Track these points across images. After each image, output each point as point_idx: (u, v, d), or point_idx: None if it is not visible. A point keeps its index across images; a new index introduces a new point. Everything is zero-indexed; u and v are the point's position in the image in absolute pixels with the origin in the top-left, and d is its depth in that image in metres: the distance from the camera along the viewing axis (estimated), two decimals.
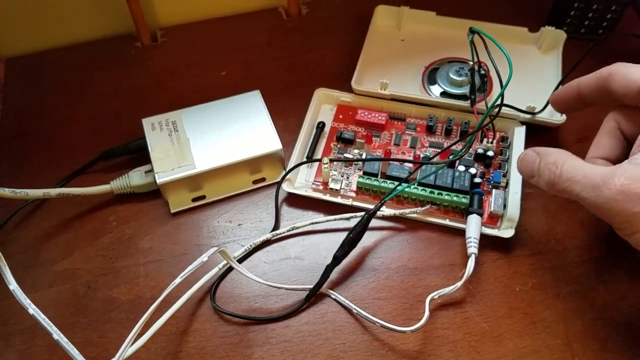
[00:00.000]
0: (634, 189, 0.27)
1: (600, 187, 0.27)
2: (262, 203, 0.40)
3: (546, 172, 0.31)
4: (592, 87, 0.34)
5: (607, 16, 0.48)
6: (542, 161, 0.31)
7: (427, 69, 0.46)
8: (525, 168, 0.33)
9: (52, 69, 0.49)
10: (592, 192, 0.28)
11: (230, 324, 0.34)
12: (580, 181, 0.29)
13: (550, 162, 0.31)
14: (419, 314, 0.33)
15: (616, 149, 0.34)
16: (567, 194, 0.30)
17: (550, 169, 0.31)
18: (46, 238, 0.39)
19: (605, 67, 0.33)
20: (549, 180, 0.31)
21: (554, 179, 0.30)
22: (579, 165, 0.30)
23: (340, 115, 0.44)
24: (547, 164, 0.31)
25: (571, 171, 0.29)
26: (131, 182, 0.39)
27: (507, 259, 0.36)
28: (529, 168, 0.32)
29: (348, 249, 0.35)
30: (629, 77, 0.31)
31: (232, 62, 0.49)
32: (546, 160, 0.31)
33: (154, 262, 0.37)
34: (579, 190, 0.29)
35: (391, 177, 0.38)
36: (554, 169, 0.30)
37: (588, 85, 0.34)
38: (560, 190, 0.30)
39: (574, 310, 0.34)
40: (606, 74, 0.33)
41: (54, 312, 0.35)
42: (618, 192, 0.27)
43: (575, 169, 0.29)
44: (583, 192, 0.28)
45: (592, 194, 0.28)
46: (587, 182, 0.28)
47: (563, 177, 0.30)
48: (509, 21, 0.47)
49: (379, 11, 0.49)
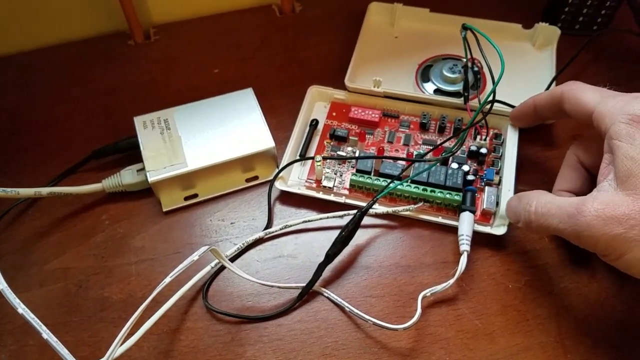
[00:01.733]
0: (608, 212, 0.27)
1: (576, 216, 0.28)
2: (255, 201, 0.40)
3: (523, 213, 0.32)
4: (546, 105, 0.35)
5: (601, 12, 0.48)
6: (520, 204, 0.32)
7: (421, 66, 0.45)
8: (510, 215, 0.34)
9: (43, 68, 0.49)
10: (569, 221, 0.28)
11: (222, 322, 0.34)
12: (555, 214, 0.29)
13: (525, 202, 0.31)
14: (412, 311, 0.33)
15: (579, 181, 0.35)
16: (546, 229, 0.30)
17: (525, 209, 0.31)
18: (38, 237, 0.38)
19: (558, 87, 0.34)
20: (524, 220, 0.31)
21: (529, 217, 0.31)
22: (550, 200, 0.30)
23: (334, 112, 0.43)
24: (523, 205, 0.32)
25: (545, 206, 0.30)
26: (123, 181, 0.39)
27: (499, 256, 0.36)
28: (513, 212, 0.33)
29: (340, 247, 0.35)
30: (580, 101, 0.32)
31: (225, 60, 0.49)
32: (522, 201, 0.32)
33: (146, 261, 0.37)
34: (556, 222, 0.29)
35: (384, 174, 0.38)
36: (527, 208, 0.31)
37: (543, 104, 0.35)
38: (538, 227, 0.31)
39: (566, 307, 0.34)
40: (559, 95, 0.33)
41: (45, 311, 0.35)
42: (594, 218, 0.27)
43: (547, 203, 0.30)
44: (560, 224, 0.29)
45: (569, 224, 0.28)
46: (562, 213, 0.29)
47: (538, 213, 0.30)
48: (503, 18, 0.47)
49: (373, 8, 0.49)
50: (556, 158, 0.41)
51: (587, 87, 0.32)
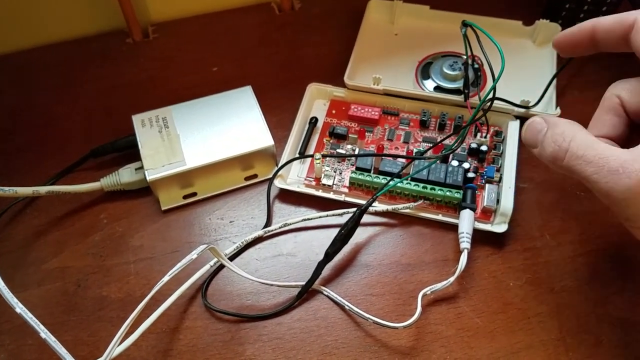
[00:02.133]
0: None
1: (619, 174, 0.24)
2: (254, 200, 0.40)
3: (551, 144, 0.28)
4: (611, 32, 0.29)
5: (602, 9, 0.47)
6: (549, 131, 0.28)
7: (421, 64, 0.45)
8: (529, 135, 0.30)
9: (42, 66, 0.49)
10: (607, 177, 0.25)
11: (221, 321, 0.34)
12: (592, 162, 0.25)
13: (558, 133, 0.27)
14: (412, 309, 0.33)
15: (619, 128, 0.30)
16: (573, 173, 0.27)
17: (557, 141, 0.27)
18: (36, 236, 0.38)
19: (631, 13, 0.28)
20: (552, 154, 0.27)
21: (559, 154, 0.27)
22: (591, 143, 0.26)
23: (333, 110, 0.43)
24: (554, 135, 0.28)
25: (582, 148, 0.26)
26: (121, 180, 0.38)
27: (500, 254, 0.36)
28: (534, 137, 0.29)
29: (340, 245, 0.35)
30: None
31: (223, 58, 0.48)
32: (554, 131, 0.28)
33: (145, 260, 0.37)
34: (590, 172, 0.25)
35: (384, 172, 0.38)
36: (560, 142, 0.27)
37: (607, 29, 0.30)
38: (565, 167, 0.27)
39: (568, 305, 0.34)
40: (631, 22, 0.28)
41: (43, 310, 0.35)
42: (638, 182, 0.24)
43: (587, 146, 0.26)
44: (594, 175, 0.25)
45: (605, 180, 0.25)
46: (602, 165, 0.25)
47: (572, 154, 0.26)
48: (504, 14, 0.47)
49: (372, 5, 0.49)
50: None
51: None
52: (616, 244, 0.36)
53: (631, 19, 0.28)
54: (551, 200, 0.38)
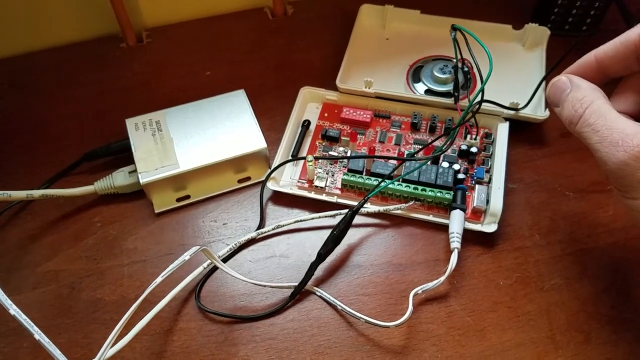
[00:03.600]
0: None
1: (617, 147, 0.26)
2: (247, 202, 0.40)
3: (570, 107, 0.28)
4: (617, 58, 0.29)
5: (590, 13, 0.48)
6: (571, 93, 0.29)
7: (412, 67, 0.46)
8: (553, 94, 0.30)
9: (36, 71, 0.49)
10: (607, 148, 0.26)
11: (215, 322, 0.34)
12: (599, 131, 0.27)
13: (578, 97, 0.28)
14: (403, 309, 0.33)
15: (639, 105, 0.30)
16: (582, 139, 0.28)
17: (575, 106, 0.28)
18: (30, 240, 0.38)
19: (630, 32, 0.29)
20: (568, 117, 0.29)
21: (574, 118, 0.28)
22: (604, 112, 0.27)
23: (326, 113, 0.44)
24: (574, 99, 0.28)
25: (595, 116, 0.27)
26: (115, 183, 0.39)
27: (490, 253, 0.36)
28: (557, 96, 0.30)
29: (332, 246, 0.35)
30: None
31: (217, 62, 0.49)
32: (574, 94, 0.29)
33: (138, 262, 0.37)
34: (595, 141, 0.27)
35: (376, 174, 0.39)
36: (577, 107, 0.28)
37: (611, 56, 0.30)
38: (577, 132, 0.28)
39: (557, 303, 0.34)
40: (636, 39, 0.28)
41: (38, 313, 0.35)
42: (633, 157, 0.25)
43: (599, 115, 0.27)
44: (597, 144, 0.27)
45: (606, 150, 0.26)
46: (606, 135, 0.26)
47: (584, 120, 0.27)
48: (494, 19, 0.47)
49: (364, 10, 0.49)
50: (546, 156, 0.41)
51: None
52: (604, 243, 0.37)
53: (634, 37, 0.28)
54: (540, 201, 0.39)
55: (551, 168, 0.40)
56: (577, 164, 0.40)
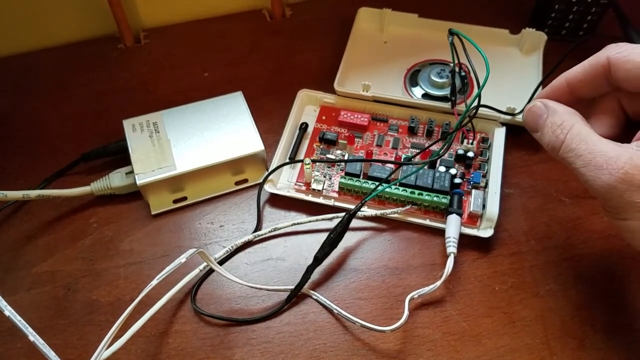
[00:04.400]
0: (638, 179, 0.25)
1: (602, 169, 0.26)
2: (244, 204, 0.40)
3: (550, 133, 0.29)
4: (586, 81, 0.30)
5: (587, 18, 0.48)
6: (549, 118, 0.29)
7: (409, 71, 0.46)
8: (530, 120, 0.31)
9: (33, 71, 0.49)
10: (593, 172, 0.26)
11: (210, 325, 0.34)
12: (582, 156, 0.27)
13: (557, 123, 0.29)
14: (399, 313, 0.33)
15: (617, 128, 0.31)
16: (566, 164, 0.28)
17: (555, 132, 0.29)
18: (26, 240, 0.38)
19: (599, 55, 0.29)
20: (550, 144, 0.29)
21: (556, 144, 0.28)
22: (585, 136, 0.27)
23: (323, 116, 0.44)
24: (553, 125, 0.29)
25: (576, 141, 0.27)
26: (112, 184, 0.39)
27: (486, 258, 0.36)
28: (535, 122, 0.30)
29: (329, 250, 0.35)
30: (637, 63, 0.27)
31: (215, 64, 0.49)
32: (553, 119, 0.29)
33: (134, 264, 0.37)
34: (579, 165, 0.27)
35: (373, 177, 0.39)
36: (558, 133, 0.28)
37: (581, 79, 0.30)
38: (560, 158, 0.28)
39: (552, 309, 0.34)
40: (603, 64, 0.29)
41: (33, 314, 0.35)
42: (619, 180, 0.25)
43: (580, 140, 0.27)
44: (582, 169, 0.27)
45: (591, 174, 0.26)
46: (590, 159, 0.26)
47: (567, 145, 0.28)
48: (491, 23, 0.48)
49: (362, 13, 0.49)
50: (542, 161, 0.41)
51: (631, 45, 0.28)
52: (600, 249, 0.37)
53: (603, 60, 0.29)
54: (536, 206, 0.39)
55: (547, 173, 0.41)
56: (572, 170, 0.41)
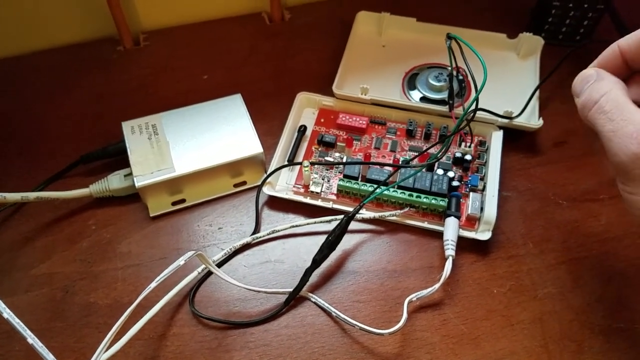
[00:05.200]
0: None
1: (631, 139, 0.25)
2: (243, 206, 0.40)
3: (587, 94, 0.28)
4: None
5: (584, 23, 0.49)
6: (593, 84, 0.29)
7: (407, 74, 0.46)
8: (579, 85, 0.30)
9: (33, 72, 0.49)
10: (621, 138, 0.26)
11: (209, 328, 0.34)
12: (615, 121, 0.26)
13: (597, 86, 0.28)
14: (398, 316, 0.33)
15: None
16: (594, 126, 0.27)
17: (591, 93, 0.28)
18: (24, 242, 0.38)
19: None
20: (583, 102, 0.28)
21: (589, 103, 0.28)
22: (622, 103, 0.27)
23: (322, 119, 0.44)
24: (592, 88, 0.28)
25: (610, 105, 0.27)
26: (110, 186, 0.39)
27: (485, 261, 0.36)
28: (581, 86, 0.29)
29: (327, 252, 0.35)
30: None
31: (214, 67, 0.49)
32: (595, 84, 0.28)
33: (133, 266, 0.37)
34: (609, 129, 0.26)
35: (371, 180, 0.39)
36: (594, 93, 0.28)
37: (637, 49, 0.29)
38: (590, 119, 0.28)
39: (550, 312, 0.34)
40: None
41: (31, 316, 0.34)
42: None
43: (616, 104, 0.27)
44: (611, 133, 0.26)
45: (619, 140, 0.26)
46: (621, 126, 0.26)
47: (600, 106, 0.27)
48: (489, 27, 0.48)
49: (361, 17, 0.49)
50: (540, 165, 0.41)
51: None
52: (597, 252, 0.37)
53: None
54: (534, 209, 0.39)
55: (545, 176, 0.41)
56: (570, 173, 0.41)
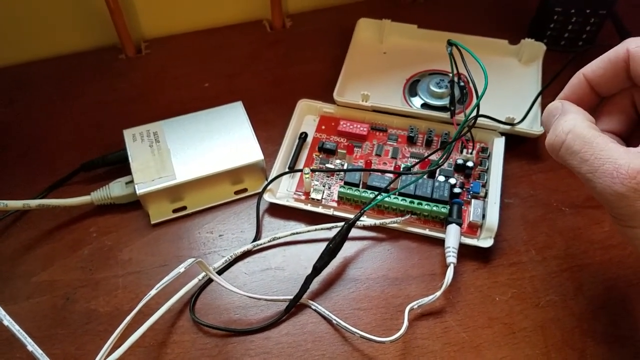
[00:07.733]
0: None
1: (613, 179, 0.24)
2: (244, 214, 0.40)
3: (552, 132, 0.27)
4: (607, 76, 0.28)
5: (586, 29, 0.49)
6: (560, 117, 0.27)
7: (408, 81, 0.46)
8: (544, 119, 0.29)
9: (34, 81, 0.49)
10: (601, 179, 0.24)
11: (209, 335, 0.34)
12: (588, 161, 0.25)
13: (561, 122, 0.26)
14: (399, 324, 0.33)
15: (626, 126, 0.29)
16: (569, 167, 0.26)
17: (556, 130, 0.26)
18: (26, 249, 0.38)
19: (618, 48, 0.27)
20: (549, 143, 0.27)
21: (555, 143, 0.26)
22: (589, 138, 0.25)
23: (323, 126, 0.44)
24: (557, 125, 0.27)
25: (579, 144, 0.25)
26: (112, 193, 0.39)
27: (486, 268, 0.36)
28: (548, 120, 0.28)
29: (328, 259, 0.35)
30: None
31: (215, 74, 0.49)
32: (560, 119, 0.27)
33: (133, 273, 0.37)
34: (586, 171, 0.25)
35: (372, 187, 0.39)
36: (559, 131, 0.26)
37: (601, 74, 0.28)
38: (561, 159, 0.26)
39: (552, 320, 0.34)
40: (624, 55, 0.26)
41: (31, 324, 0.34)
42: (631, 189, 0.23)
43: (585, 142, 0.25)
44: (589, 175, 0.25)
45: (600, 182, 0.24)
46: (598, 166, 0.24)
47: (567, 146, 0.26)
48: (490, 34, 0.48)
49: (362, 24, 0.50)
50: (542, 171, 0.41)
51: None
52: (600, 260, 0.37)
53: (623, 53, 0.27)
54: (536, 216, 0.39)
55: (547, 183, 0.41)
56: (572, 179, 0.41)
